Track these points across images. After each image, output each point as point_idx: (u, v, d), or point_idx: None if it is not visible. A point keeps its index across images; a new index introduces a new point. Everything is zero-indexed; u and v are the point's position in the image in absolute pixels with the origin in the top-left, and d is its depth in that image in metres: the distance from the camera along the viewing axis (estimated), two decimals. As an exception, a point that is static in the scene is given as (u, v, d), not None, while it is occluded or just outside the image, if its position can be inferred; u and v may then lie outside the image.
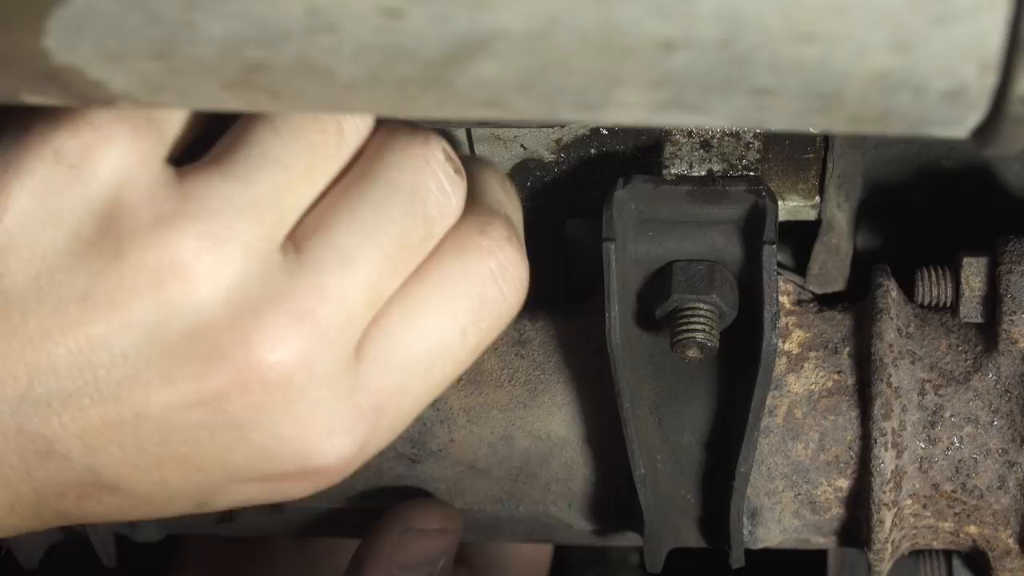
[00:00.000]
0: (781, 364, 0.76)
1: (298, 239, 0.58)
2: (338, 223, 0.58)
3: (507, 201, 0.66)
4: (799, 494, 0.76)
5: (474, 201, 0.63)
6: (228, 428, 0.58)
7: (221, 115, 0.61)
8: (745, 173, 0.71)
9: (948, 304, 0.76)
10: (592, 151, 0.74)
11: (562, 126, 0.73)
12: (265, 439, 0.58)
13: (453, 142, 0.73)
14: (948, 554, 0.85)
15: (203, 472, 0.59)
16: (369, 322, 0.59)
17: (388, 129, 0.61)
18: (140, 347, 0.56)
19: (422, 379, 0.61)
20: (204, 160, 0.58)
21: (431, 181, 0.60)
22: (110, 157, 0.56)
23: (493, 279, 0.62)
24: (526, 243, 0.86)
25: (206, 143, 0.59)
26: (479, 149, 0.74)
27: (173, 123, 0.58)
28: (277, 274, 0.57)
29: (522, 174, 0.75)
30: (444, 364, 0.62)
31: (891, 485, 0.73)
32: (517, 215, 0.66)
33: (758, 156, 0.71)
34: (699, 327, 0.69)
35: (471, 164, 0.65)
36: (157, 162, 0.56)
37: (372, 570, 0.77)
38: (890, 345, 0.74)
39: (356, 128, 0.60)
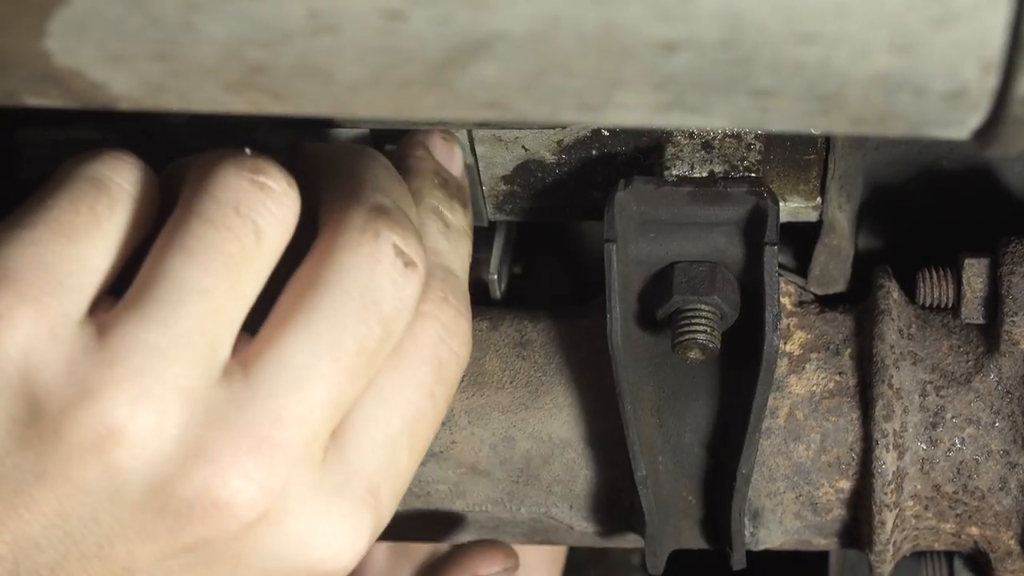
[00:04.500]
0: (782, 365, 0.76)
1: (247, 359, 0.57)
2: (288, 340, 0.57)
3: (445, 246, 0.65)
4: (800, 495, 0.76)
5: None
6: (223, 561, 0.58)
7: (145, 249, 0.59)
8: (746, 174, 0.71)
9: (949, 305, 0.76)
10: (593, 152, 0.74)
11: (563, 127, 0.73)
12: (265, 561, 0.58)
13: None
14: (950, 555, 0.84)
15: None
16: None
17: (336, 220, 0.59)
18: (108, 511, 0.56)
19: (407, 448, 0.61)
20: (123, 304, 0.56)
21: (383, 279, 0.58)
22: (18, 343, 0.55)
23: (441, 340, 0.62)
24: (529, 244, 0.86)
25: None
26: (480, 150, 0.74)
27: (92, 270, 0.57)
28: (224, 407, 0.56)
29: (523, 175, 0.75)
30: (422, 428, 0.62)
31: (892, 486, 0.73)
32: (456, 255, 0.66)
33: (759, 157, 0.71)
34: (700, 328, 0.69)
35: (403, 214, 0.62)
36: (70, 329, 0.56)
37: None
38: (891, 346, 0.74)
39: (276, 219, 0.57)
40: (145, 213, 0.59)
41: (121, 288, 0.57)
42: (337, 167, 0.62)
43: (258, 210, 0.57)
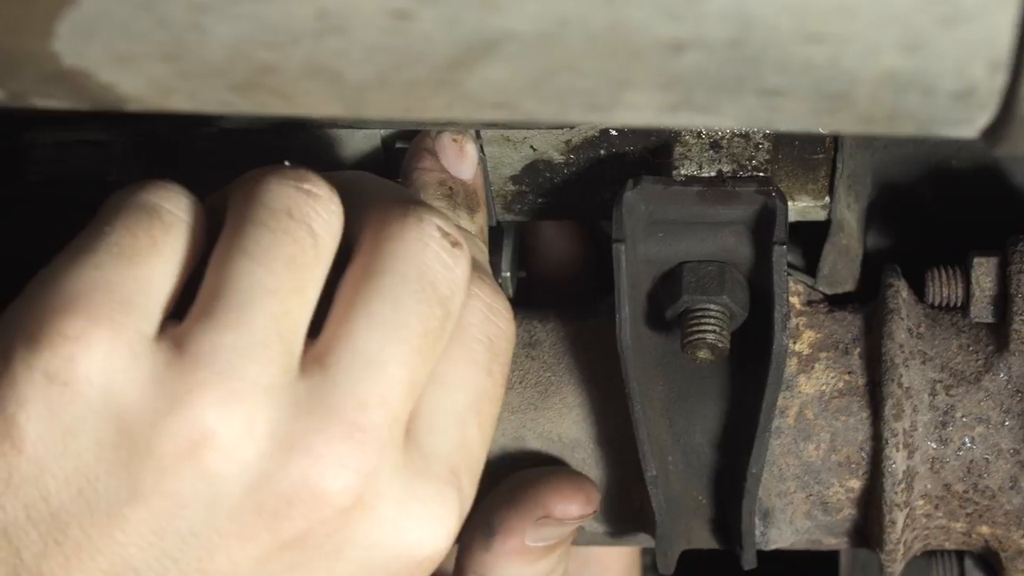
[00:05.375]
0: (792, 365, 0.76)
1: (320, 354, 0.58)
2: (357, 328, 0.58)
3: (468, 239, 0.66)
4: (811, 495, 0.76)
5: None
6: (323, 557, 0.58)
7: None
8: (755, 174, 0.70)
9: (959, 304, 0.76)
10: (602, 152, 0.74)
11: (572, 127, 0.73)
12: (363, 552, 0.59)
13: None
14: (960, 555, 0.84)
15: None
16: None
17: (379, 213, 0.60)
18: (206, 521, 0.56)
19: (476, 425, 0.62)
20: (194, 315, 0.57)
21: (434, 261, 0.59)
22: (96, 364, 0.55)
23: (487, 319, 0.63)
24: (528, 244, 0.86)
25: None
26: (489, 151, 0.74)
27: (157, 290, 0.57)
28: (308, 399, 0.56)
29: (532, 175, 0.75)
30: (485, 405, 0.63)
31: (903, 486, 0.73)
32: (475, 248, 0.66)
33: (768, 157, 0.71)
34: (710, 328, 0.69)
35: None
36: (147, 346, 0.56)
37: (507, 536, 0.74)
38: (901, 345, 0.74)
39: (327, 224, 0.58)
40: (196, 239, 0.59)
41: (180, 314, 0.57)
42: (348, 187, 0.62)
43: (309, 215, 0.58)
